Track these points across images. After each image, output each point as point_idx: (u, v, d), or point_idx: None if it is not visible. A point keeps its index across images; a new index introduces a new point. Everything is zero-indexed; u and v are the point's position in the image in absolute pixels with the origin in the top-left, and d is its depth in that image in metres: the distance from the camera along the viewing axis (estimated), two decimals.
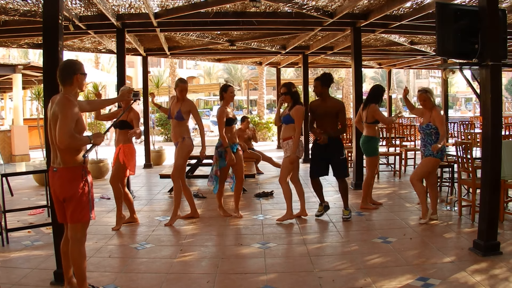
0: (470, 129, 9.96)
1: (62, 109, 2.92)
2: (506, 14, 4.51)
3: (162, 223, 5.36)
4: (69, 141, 2.90)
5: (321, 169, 5.35)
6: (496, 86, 3.93)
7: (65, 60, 3.15)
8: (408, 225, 5.06)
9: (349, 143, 8.86)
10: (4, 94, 19.29)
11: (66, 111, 2.92)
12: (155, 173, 9.13)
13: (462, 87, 46.86)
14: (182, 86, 5.25)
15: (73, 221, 3.07)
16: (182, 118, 5.17)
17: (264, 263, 3.95)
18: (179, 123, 5.21)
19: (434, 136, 5.01)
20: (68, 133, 2.89)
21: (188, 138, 5.23)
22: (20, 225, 5.17)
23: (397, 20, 7.03)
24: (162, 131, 18.38)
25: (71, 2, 6.34)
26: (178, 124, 5.22)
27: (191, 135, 5.40)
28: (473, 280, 3.42)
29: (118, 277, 3.65)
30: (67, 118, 2.91)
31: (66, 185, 3.01)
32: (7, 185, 6.09)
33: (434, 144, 4.88)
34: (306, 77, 11.10)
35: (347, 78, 24.43)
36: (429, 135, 5.05)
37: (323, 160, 5.31)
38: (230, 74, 45.68)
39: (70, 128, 2.91)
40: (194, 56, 12.69)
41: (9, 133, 11.63)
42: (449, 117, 13.17)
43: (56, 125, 2.91)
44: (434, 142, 4.98)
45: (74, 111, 2.96)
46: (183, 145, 5.19)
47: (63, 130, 2.88)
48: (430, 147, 4.99)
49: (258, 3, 6.18)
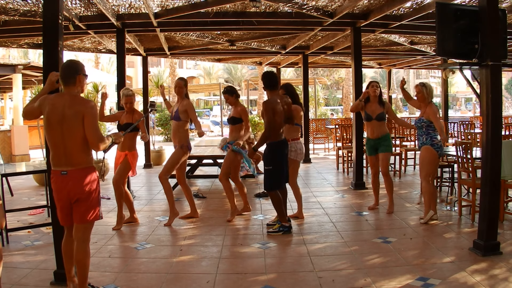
0: (470, 129, 9.94)
1: (91, 110, 2.97)
2: (506, 14, 4.51)
3: (162, 223, 5.36)
4: (102, 141, 3.00)
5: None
6: (496, 86, 3.93)
7: (68, 60, 3.15)
8: (408, 225, 5.06)
9: (349, 143, 8.86)
10: (4, 94, 19.29)
11: (95, 113, 3.00)
12: (155, 173, 9.12)
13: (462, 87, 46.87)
14: (176, 82, 5.28)
15: (84, 221, 3.06)
16: (179, 118, 5.17)
17: (264, 263, 3.95)
18: (178, 125, 5.21)
19: (425, 128, 5.07)
20: (101, 135, 3.00)
21: (185, 147, 5.22)
22: (20, 225, 5.17)
23: (397, 20, 7.03)
24: (162, 131, 18.39)
25: (71, 2, 6.34)
26: (177, 126, 5.22)
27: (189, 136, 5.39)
28: (473, 280, 3.42)
29: (118, 277, 3.65)
30: (97, 119, 3.01)
31: (81, 186, 3.00)
32: (7, 185, 6.11)
33: (443, 138, 4.95)
34: (306, 77, 11.10)
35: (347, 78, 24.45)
36: (420, 128, 5.14)
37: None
38: (230, 74, 45.69)
39: (99, 128, 3.03)
40: (194, 56, 12.68)
41: (9, 133, 11.63)
42: (449, 117, 13.14)
43: (72, 128, 2.94)
44: (425, 134, 5.06)
45: (97, 111, 3.09)
46: (180, 151, 5.20)
47: (98, 132, 2.98)
48: (421, 138, 5.10)
49: (258, 3, 6.17)
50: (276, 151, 4.81)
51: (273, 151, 4.82)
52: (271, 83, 4.88)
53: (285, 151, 4.91)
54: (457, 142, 5.38)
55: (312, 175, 8.96)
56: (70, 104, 2.96)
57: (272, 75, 4.95)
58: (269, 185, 4.83)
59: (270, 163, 4.81)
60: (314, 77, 21.81)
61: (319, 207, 6.07)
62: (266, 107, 4.73)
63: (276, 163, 4.79)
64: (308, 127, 11.46)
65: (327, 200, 6.57)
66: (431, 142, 5.00)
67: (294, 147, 5.26)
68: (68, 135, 2.95)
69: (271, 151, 4.83)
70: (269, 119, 4.69)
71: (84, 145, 3.00)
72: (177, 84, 5.24)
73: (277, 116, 4.71)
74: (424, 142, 5.07)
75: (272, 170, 4.79)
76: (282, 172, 4.84)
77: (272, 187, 4.82)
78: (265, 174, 4.88)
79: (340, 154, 9.36)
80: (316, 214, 5.66)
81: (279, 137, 4.81)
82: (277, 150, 4.82)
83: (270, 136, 4.75)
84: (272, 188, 4.82)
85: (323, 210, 5.90)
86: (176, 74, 28.82)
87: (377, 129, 5.61)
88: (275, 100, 4.77)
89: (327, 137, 13.73)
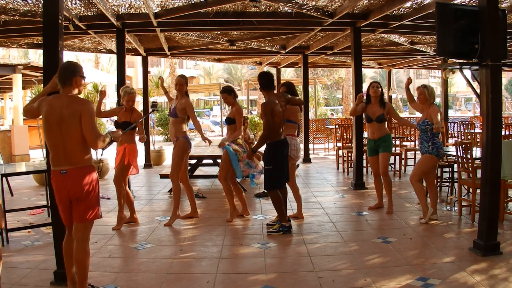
0: (470, 129, 9.93)
1: (87, 109, 3.00)
2: (506, 14, 4.51)
3: (162, 223, 5.36)
4: (100, 139, 3.02)
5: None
6: (496, 86, 3.93)
7: (66, 62, 3.19)
8: (408, 225, 5.06)
9: (349, 143, 8.86)
10: (4, 94, 19.28)
11: (92, 111, 3.03)
12: (155, 173, 9.13)
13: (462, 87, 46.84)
14: (177, 80, 5.28)
15: (83, 220, 3.08)
16: (175, 115, 5.17)
17: (264, 263, 3.95)
18: (174, 121, 5.22)
19: (430, 132, 5.04)
20: (99, 133, 3.02)
21: (182, 138, 5.21)
22: (20, 225, 5.17)
23: (397, 20, 7.03)
24: (162, 131, 18.38)
25: (71, 2, 6.34)
26: (173, 122, 5.24)
27: (187, 135, 5.38)
28: (473, 280, 3.42)
29: (118, 277, 3.65)
30: (94, 118, 3.04)
31: (80, 185, 3.02)
32: (7, 185, 6.10)
33: (437, 126, 4.87)
34: (306, 77, 11.09)
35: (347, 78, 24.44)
36: (424, 131, 5.09)
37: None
38: (230, 74, 45.69)
39: (97, 127, 3.05)
40: (194, 56, 12.68)
41: (9, 133, 11.63)
42: (449, 117, 13.15)
43: (70, 128, 2.97)
44: (430, 139, 5.02)
45: (94, 110, 3.10)
46: (177, 144, 5.21)
47: (95, 130, 3.01)
48: (426, 144, 5.04)
49: (258, 3, 6.17)
50: (276, 150, 4.81)
51: (273, 150, 4.81)
52: (268, 83, 4.87)
53: (285, 151, 4.90)
54: (457, 142, 5.38)
55: (312, 175, 8.96)
56: (67, 104, 3.00)
57: (269, 75, 4.94)
58: (269, 184, 4.83)
59: (270, 162, 4.80)
60: (314, 77, 21.81)
61: (319, 207, 6.07)
62: (265, 109, 4.72)
63: (276, 163, 4.79)
64: (308, 127, 11.45)
65: (327, 200, 6.57)
66: (437, 152, 5.02)
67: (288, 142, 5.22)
68: (67, 135, 2.98)
69: (271, 151, 4.83)
70: (268, 121, 4.69)
71: (83, 144, 3.02)
72: (178, 82, 5.25)
73: (276, 117, 4.71)
74: (429, 151, 5.02)
75: (272, 170, 4.79)
76: (282, 171, 4.83)
77: (272, 186, 4.82)
78: (265, 174, 4.88)
79: (340, 154, 9.36)
80: (316, 214, 5.66)
81: (279, 137, 4.81)
82: (277, 149, 4.81)
83: (268, 138, 4.76)
84: (272, 188, 4.82)
85: (323, 210, 5.90)
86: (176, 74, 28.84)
87: (377, 131, 5.62)
88: (273, 101, 4.76)
89: (327, 137, 13.73)
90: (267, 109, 4.69)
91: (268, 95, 4.86)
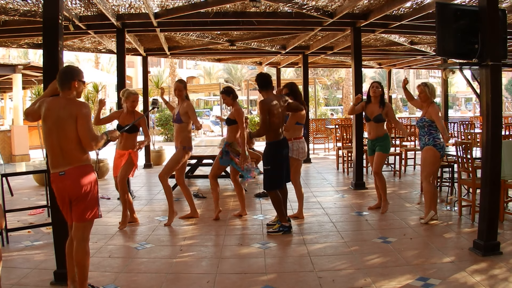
0: (470, 129, 9.94)
1: (83, 111, 3.03)
2: (506, 14, 4.51)
3: (162, 223, 5.36)
4: (96, 141, 3.04)
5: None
6: (496, 86, 3.93)
7: (66, 66, 3.24)
8: (408, 225, 5.06)
9: (349, 143, 8.86)
10: (4, 94, 19.29)
11: (88, 114, 3.05)
12: (155, 173, 9.11)
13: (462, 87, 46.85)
14: (175, 86, 5.27)
15: (83, 220, 3.09)
16: (180, 120, 5.17)
17: (264, 263, 3.95)
18: (180, 127, 5.20)
19: (427, 128, 5.07)
20: (94, 134, 3.04)
21: (188, 149, 5.22)
22: (20, 225, 5.17)
23: (397, 20, 7.02)
24: (162, 131, 18.38)
25: (71, 2, 6.34)
26: (179, 128, 5.22)
27: (192, 145, 5.35)
28: (473, 280, 3.42)
29: (118, 277, 3.65)
30: (90, 120, 3.06)
31: (79, 185, 3.04)
32: (7, 185, 6.10)
33: (446, 137, 4.97)
34: (306, 77, 11.09)
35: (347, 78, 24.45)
36: (422, 128, 5.13)
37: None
38: (230, 74, 45.69)
39: (93, 128, 3.07)
40: (194, 56, 12.68)
41: (9, 133, 11.63)
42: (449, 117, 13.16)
43: (65, 128, 3.00)
44: (426, 133, 5.05)
45: (90, 112, 3.12)
46: (180, 151, 5.20)
47: (91, 132, 3.03)
48: (423, 138, 5.08)
49: (258, 3, 6.17)
50: (275, 150, 4.81)
51: (272, 150, 4.81)
52: (265, 83, 4.88)
53: (284, 151, 4.90)
54: (457, 142, 5.38)
55: (312, 175, 8.96)
56: (64, 106, 3.03)
57: (266, 76, 4.95)
58: (268, 185, 4.83)
59: (269, 163, 4.80)
60: (314, 77, 21.81)
61: (319, 207, 6.07)
62: (262, 107, 4.73)
63: (275, 163, 4.79)
64: (308, 127, 11.45)
65: (327, 200, 6.57)
66: (434, 142, 5.00)
67: (296, 146, 5.26)
68: (63, 136, 3.01)
69: (270, 151, 4.83)
70: (264, 119, 4.69)
71: (79, 144, 3.04)
72: (176, 87, 5.24)
73: (275, 117, 4.71)
74: (426, 142, 5.07)
75: (271, 170, 4.79)
76: (281, 171, 4.83)
77: (272, 186, 4.82)
78: (265, 174, 4.87)
79: (340, 154, 9.36)
80: (316, 214, 5.66)
81: (278, 137, 4.81)
82: (277, 149, 4.81)
83: (263, 134, 4.80)
84: (271, 188, 4.82)
85: (323, 210, 5.90)
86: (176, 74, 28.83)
87: (374, 130, 5.63)
88: (270, 100, 4.77)
89: (327, 137, 13.73)
90: (264, 108, 4.70)
91: (267, 95, 4.87)
